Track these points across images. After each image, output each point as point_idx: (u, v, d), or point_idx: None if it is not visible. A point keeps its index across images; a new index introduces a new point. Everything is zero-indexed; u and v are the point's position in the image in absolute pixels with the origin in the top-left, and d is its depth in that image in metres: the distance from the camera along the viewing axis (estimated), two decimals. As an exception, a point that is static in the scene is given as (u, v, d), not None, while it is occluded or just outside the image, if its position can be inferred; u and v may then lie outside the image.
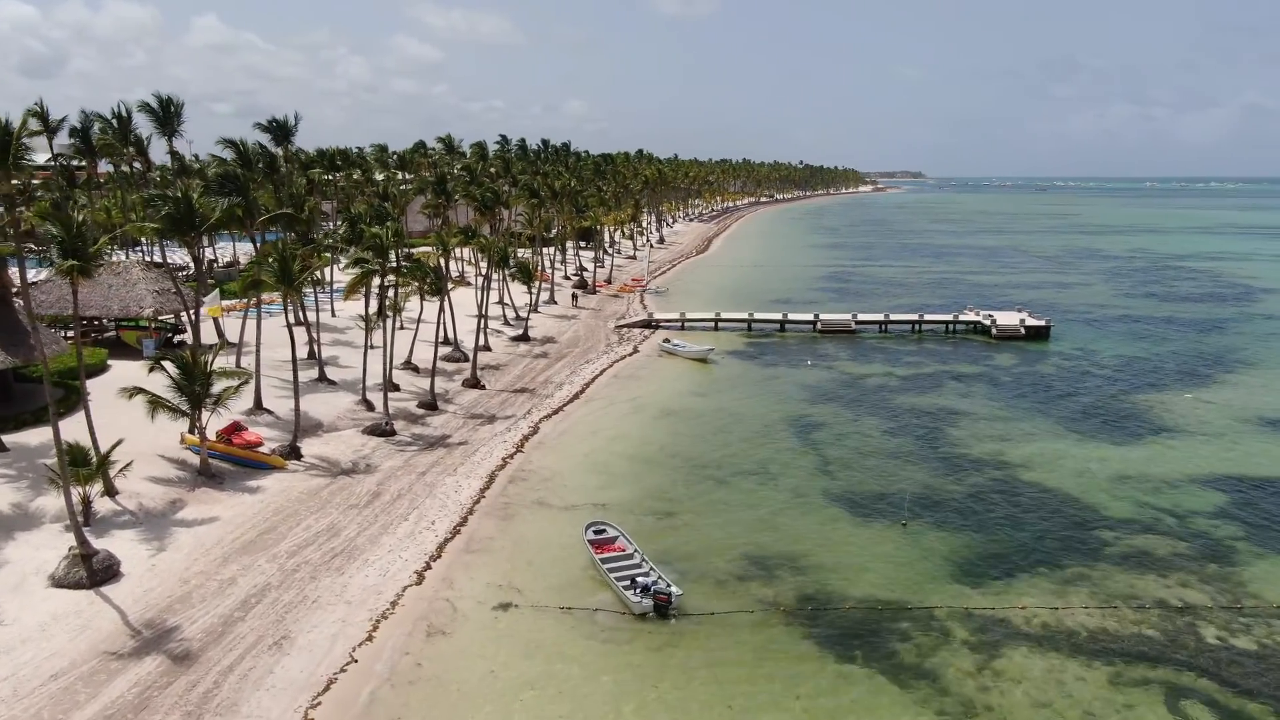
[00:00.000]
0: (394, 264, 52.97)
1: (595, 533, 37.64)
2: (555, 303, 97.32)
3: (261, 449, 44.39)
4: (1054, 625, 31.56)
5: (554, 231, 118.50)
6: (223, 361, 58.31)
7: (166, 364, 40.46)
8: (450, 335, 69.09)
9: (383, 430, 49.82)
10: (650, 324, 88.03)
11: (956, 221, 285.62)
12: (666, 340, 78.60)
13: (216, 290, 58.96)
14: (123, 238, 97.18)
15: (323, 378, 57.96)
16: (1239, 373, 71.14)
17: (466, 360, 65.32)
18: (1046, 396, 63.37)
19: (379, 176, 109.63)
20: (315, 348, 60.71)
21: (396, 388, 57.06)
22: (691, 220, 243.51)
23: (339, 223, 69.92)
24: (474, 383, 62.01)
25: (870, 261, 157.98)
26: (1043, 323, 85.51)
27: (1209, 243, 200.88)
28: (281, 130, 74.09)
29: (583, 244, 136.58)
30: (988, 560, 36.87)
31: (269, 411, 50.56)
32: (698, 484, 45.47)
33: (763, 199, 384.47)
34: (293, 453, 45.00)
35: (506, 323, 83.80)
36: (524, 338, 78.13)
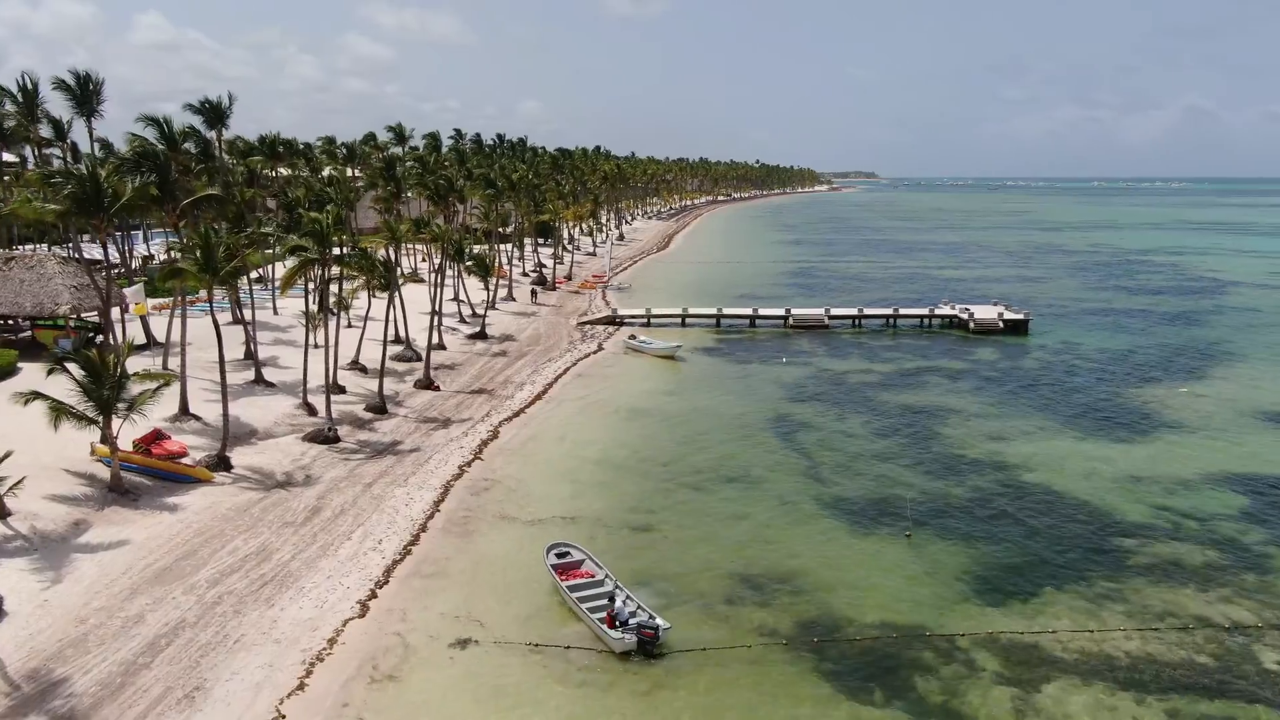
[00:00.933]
0: (337, 253, 48.02)
1: (558, 556, 32.65)
2: (514, 299, 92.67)
3: (185, 460, 39.33)
4: (1092, 651, 27.72)
5: (511, 227, 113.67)
6: (148, 362, 53.01)
7: (71, 365, 35.28)
8: (401, 333, 64.21)
9: (325, 437, 44.94)
10: (614, 320, 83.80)
11: (915, 219, 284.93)
12: (632, 337, 74.45)
13: (141, 285, 53.45)
14: (54, 235, 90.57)
15: (260, 379, 52.86)
16: (1229, 365, 68.59)
17: (419, 360, 60.45)
18: (1036, 392, 60.11)
19: (327, 172, 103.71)
20: (252, 346, 55.53)
21: (342, 390, 52.07)
22: (650, 218, 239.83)
23: (278, 214, 64.48)
24: (427, 384, 57.23)
25: (834, 257, 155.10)
26: (1021, 316, 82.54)
27: (1166, 238, 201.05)
28: (215, 112, 68.28)
29: (541, 240, 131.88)
30: (1005, 575, 33.05)
31: (196, 417, 45.37)
32: (674, 492, 41.24)
33: (720, 198, 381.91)
34: (221, 463, 39.96)
35: (462, 320, 78.96)
36: (481, 335, 73.42)
